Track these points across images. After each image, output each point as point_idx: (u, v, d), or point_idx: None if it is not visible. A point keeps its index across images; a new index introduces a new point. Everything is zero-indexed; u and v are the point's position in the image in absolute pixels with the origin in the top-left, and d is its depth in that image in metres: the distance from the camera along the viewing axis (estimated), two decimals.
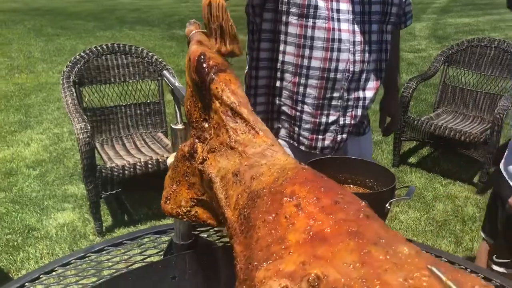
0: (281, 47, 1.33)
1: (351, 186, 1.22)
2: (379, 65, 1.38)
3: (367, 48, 1.32)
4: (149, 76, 2.88)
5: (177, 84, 1.30)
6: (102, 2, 11.38)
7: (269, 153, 0.57)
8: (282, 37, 1.32)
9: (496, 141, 2.76)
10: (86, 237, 2.45)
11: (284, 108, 1.40)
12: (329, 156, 1.39)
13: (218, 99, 0.64)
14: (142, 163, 2.44)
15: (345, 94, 1.36)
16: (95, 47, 2.76)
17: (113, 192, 2.50)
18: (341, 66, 1.31)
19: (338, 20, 1.28)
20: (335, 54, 1.30)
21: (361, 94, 1.37)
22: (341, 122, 1.40)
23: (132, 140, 2.83)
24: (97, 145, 2.71)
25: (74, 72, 2.65)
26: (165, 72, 1.40)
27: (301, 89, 1.35)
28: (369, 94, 1.38)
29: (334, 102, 1.36)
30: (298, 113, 1.38)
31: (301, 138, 1.42)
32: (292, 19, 1.29)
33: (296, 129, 1.41)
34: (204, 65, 0.68)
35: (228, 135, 0.62)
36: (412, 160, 3.40)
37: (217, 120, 0.65)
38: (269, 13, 1.31)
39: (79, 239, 2.43)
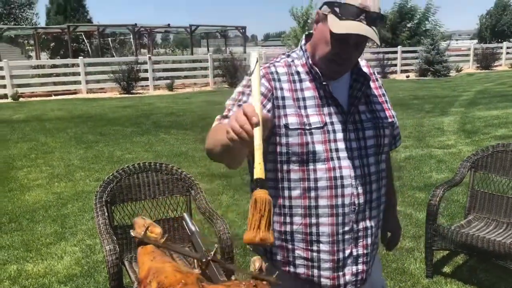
0: (286, 193, 1.40)
1: None
2: (379, 192, 1.46)
3: (367, 180, 1.41)
4: (178, 192, 2.98)
5: (193, 229, 1.36)
6: (140, 107, 12.08)
7: None
8: (286, 184, 1.40)
9: None
10: None
11: (299, 252, 1.42)
12: None
13: None
14: None
15: (355, 226, 1.41)
16: (127, 166, 2.91)
17: None
18: (347, 200, 1.38)
19: (338, 158, 1.37)
20: (339, 190, 1.37)
21: (368, 223, 1.43)
22: (355, 253, 1.43)
23: None
24: (126, 262, 2.76)
25: (106, 192, 2.78)
26: (185, 215, 1.47)
27: (314, 229, 1.39)
28: (374, 222, 1.45)
29: (346, 236, 1.40)
30: (315, 254, 1.41)
31: (322, 279, 1.42)
32: (294, 167, 1.38)
33: (316, 271, 1.42)
34: None
35: None
36: (446, 269, 3.27)
37: None
38: (270, 163, 1.40)
39: None
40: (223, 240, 2.58)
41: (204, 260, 1.15)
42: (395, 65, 19.90)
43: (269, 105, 1.35)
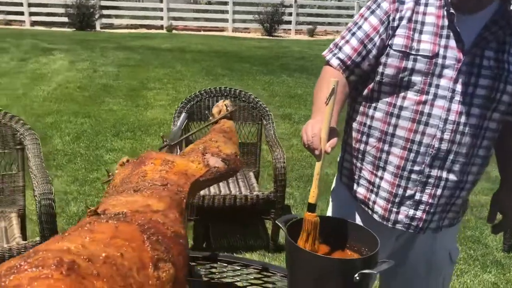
0: (370, 112, 1.39)
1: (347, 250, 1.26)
2: (473, 151, 1.33)
3: (460, 129, 1.29)
4: (251, 120, 3.13)
5: (178, 126, 1.50)
6: (274, 50, 12.33)
7: None
8: (373, 103, 1.38)
9: None
10: None
11: (365, 173, 1.43)
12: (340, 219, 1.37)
13: None
14: (221, 196, 2.66)
15: (426, 170, 1.33)
16: (209, 88, 3.13)
17: (191, 218, 2.77)
18: (426, 140, 1.30)
19: (435, 95, 1.28)
20: (421, 127, 1.30)
21: (444, 174, 1.33)
22: (417, 198, 1.36)
23: None
24: None
25: (186, 108, 3.04)
26: (183, 115, 1.61)
27: (383, 156, 1.37)
28: (453, 177, 1.33)
29: (413, 176, 1.34)
30: (377, 179, 1.40)
31: (376, 206, 1.42)
32: (385, 88, 1.35)
33: (373, 196, 1.43)
34: None
35: None
36: None
37: None
38: (368, 80, 1.39)
39: None
40: (277, 168, 2.69)
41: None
42: None
43: (381, 29, 1.32)
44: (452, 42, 1.26)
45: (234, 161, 1.07)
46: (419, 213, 1.36)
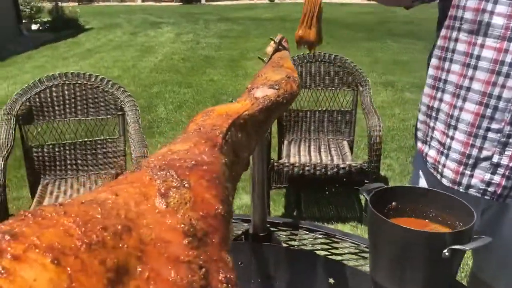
0: (446, 66, 1.27)
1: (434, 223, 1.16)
2: None
3: None
4: (346, 86, 2.98)
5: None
6: (381, 15, 11.71)
7: None
8: (449, 54, 1.26)
9: None
10: None
11: (436, 133, 1.32)
12: (425, 188, 1.27)
13: None
14: (311, 164, 2.59)
15: (507, 128, 1.18)
16: (302, 54, 3.03)
17: (281, 186, 2.74)
18: (507, 94, 1.15)
19: None
20: (501, 79, 1.15)
21: None
22: (495, 160, 1.21)
23: (318, 143, 3.00)
24: (285, 142, 2.99)
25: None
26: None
27: (456, 113, 1.24)
28: None
29: (490, 135, 1.20)
30: (448, 140, 1.28)
31: (445, 169, 1.30)
32: (462, 36, 1.21)
33: (443, 158, 1.30)
34: None
35: None
36: None
37: None
38: (444, 29, 1.27)
39: None
40: (372, 136, 2.54)
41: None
42: None
43: None
44: None
45: (285, 83, 0.98)
46: (497, 178, 1.20)
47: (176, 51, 7.48)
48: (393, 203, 1.13)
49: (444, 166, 1.28)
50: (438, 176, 1.31)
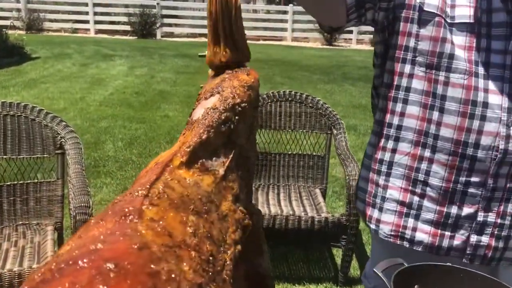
0: (399, 108, 1.04)
1: None
2: None
3: None
4: (319, 128, 2.73)
5: None
6: (335, 59, 11.90)
7: None
8: (402, 94, 1.03)
9: None
10: None
11: (392, 192, 1.07)
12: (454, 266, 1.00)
13: None
14: (283, 216, 2.27)
15: (490, 182, 0.97)
16: (271, 92, 2.77)
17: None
18: (485, 141, 0.95)
19: (486, 77, 0.93)
20: (475, 123, 0.94)
21: None
22: (480, 219, 1.00)
23: (288, 190, 2.70)
24: (253, 188, 2.67)
25: None
26: None
27: (423, 165, 1.02)
28: None
29: (471, 190, 0.99)
30: (416, 198, 1.04)
31: (417, 234, 1.06)
32: (419, 71, 0.99)
33: (411, 221, 1.06)
34: None
35: None
36: None
37: None
38: (390, 61, 1.05)
39: None
40: (351, 186, 2.27)
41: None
42: None
43: None
44: (497, 4, 0.92)
45: (229, 78, 0.93)
46: (485, 239, 1.01)
47: (129, 84, 7.09)
48: (416, 287, 0.88)
49: (414, 230, 1.06)
50: (406, 244, 1.07)
